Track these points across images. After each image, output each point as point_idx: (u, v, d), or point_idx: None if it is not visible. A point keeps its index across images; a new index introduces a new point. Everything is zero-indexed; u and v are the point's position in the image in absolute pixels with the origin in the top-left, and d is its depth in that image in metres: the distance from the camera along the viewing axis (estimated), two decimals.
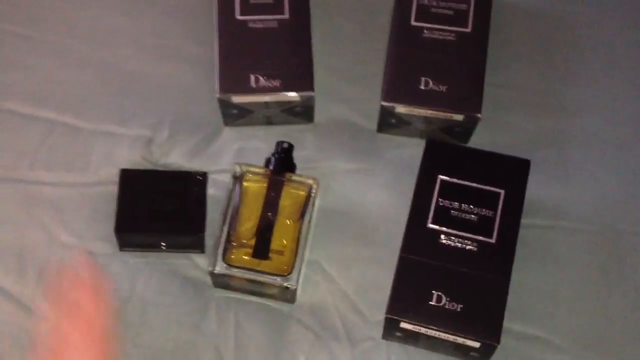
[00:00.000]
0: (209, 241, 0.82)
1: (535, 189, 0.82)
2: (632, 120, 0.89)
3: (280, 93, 0.84)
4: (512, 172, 0.77)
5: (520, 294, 0.79)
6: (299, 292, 0.81)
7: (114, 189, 0.83)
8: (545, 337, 0.79)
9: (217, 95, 0.84)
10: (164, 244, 0.81)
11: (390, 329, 0.74)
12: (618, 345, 0.79)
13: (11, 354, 0.78)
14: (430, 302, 0.72)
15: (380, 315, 0.78)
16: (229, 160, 0.87)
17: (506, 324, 0.74)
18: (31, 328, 0.78)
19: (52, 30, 0.93)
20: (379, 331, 0.79)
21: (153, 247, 0.81)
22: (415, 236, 0.75)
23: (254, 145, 0.87)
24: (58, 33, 0.92)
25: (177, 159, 0.86)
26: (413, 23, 0.86)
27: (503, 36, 0.91)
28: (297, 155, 0.84)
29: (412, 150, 0.86)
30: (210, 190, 0.83)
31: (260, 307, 0.81)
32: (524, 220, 0.79)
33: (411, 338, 0.75)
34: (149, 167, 0.86)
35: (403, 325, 0.72)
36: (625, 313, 0.80)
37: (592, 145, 0.87)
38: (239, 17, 0.86)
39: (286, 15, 0.86)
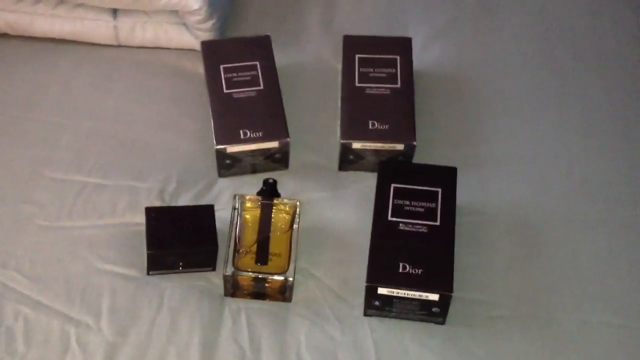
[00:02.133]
0: (218, 262, 0.98)
1: (464, 197, 1.02)
2: (530, 144, 1.11)
3: (264, 142, 1.05)
4: (445, 176, 0.98)
5: (461, 271, 0.96)
6: (294, 292, 0.97)
7: (137, 229, 1.00)
8: (486, 299, 0.96)
9: (215, 147, 1.04)
10: (181, 264, 0.98)
11: (370, 298, 0.90)
12: (543, 297, 0.96)
13: None
14: (399, 271, 0.90)
15: (359, 300, 0.95)
16: (225, 201, 1.04)
17: (454, 293, 0.91)
18: (79, 338, 0.91)
19: (81, 116, 1.11)
20: (360, 310, 0.95)
21: (173, 268, 0.97)
22: (380, 227, 0.93)
23: (244, 190, 1.05)
24: (86, 117, 1.11)
25: (184, 203, 1.03)
26: (357, 84, 1.09)
27: (427, 92, 1.14)
28: (279, 191, 1.02)
29: (367, 181, 1.06)
30: None
31: (264, 308, 0.96)
32: (458, 219, 0.97)
33: (386, 306, 0.91)
34: None
35: (380, 291, 0.89)
36: (544, 274, 0.98)
37: (502, 163, 1.09)
38: (225, 90, 1.07)
39: (261, 87, 1.08)
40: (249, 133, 1.04)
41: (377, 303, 0.91)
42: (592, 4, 1.27)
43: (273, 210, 0.99)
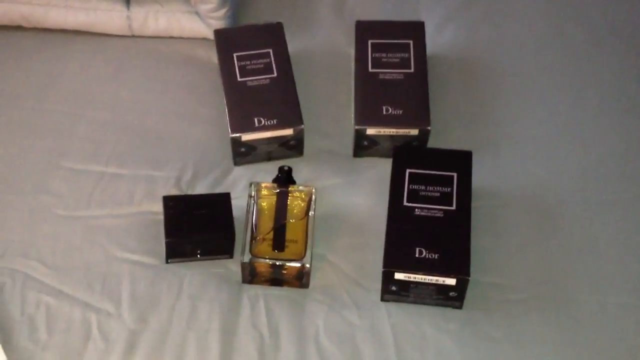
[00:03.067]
0: (235, 249, 0.98)
1: (479, 181, 1.02)
2: (544, 125, 1.10)
3: (278, 130, 1.05)
4: (460, 160, 0.97)
5: (478, 255, 0.95)
6: (311, 278, 0.97)
7: (154, 217, 1.01)
8: (503, 282, 0.96)
9: (230, 135, 1.04)
10: (199, 252, 0.99)
11: (387, 283, 0.90)
12: (560, 279, 0.96)
13: (86, 348, 0.91)
14: (415, 256, 0.90)
15: (376, 285, 0.95)
16: (240, 189, 1.04)
17: (471, 277, 0.91)
18: (100, 326, 0.92)
19: (96, 106, 1.11)
20: (377, 295, 0.95)
21: (191, 255, 0.97)
22: (396, 212, 0.93)
23: (260, 178, 1.05)
24: (101, 108, 1.11)
25: (200, 191, 1.04)
26: (370, 70, 1.09)
27: (440, 76, 1.14)
28: (294, 178, 1.02)
29: (381, 167, 1.06)
30: None
31: (282, 294, 0.96)
32: (473, 202, 0.97)
33: (403, 291, 0.91)
34: None
35: (397, 276, 0.89)
36: (561, 255, 0.98)
37: (516, 145, 1.08)
38: (239, 79, 1.07)
39: (275, 75, 1.08)
40: (263, 121, 1.04)
41: (394, 288, 0.91)
42: None
43: (289, 198, 0.99)
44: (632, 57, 1.17)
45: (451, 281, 0.89)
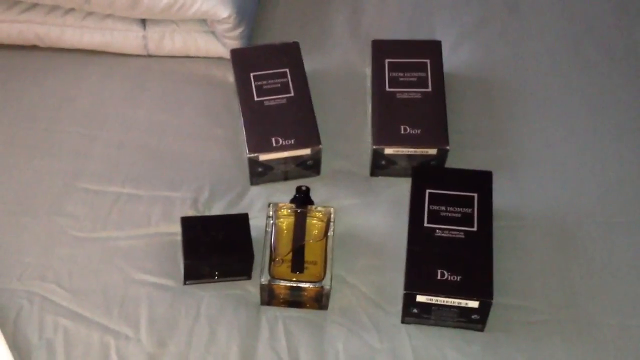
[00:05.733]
0: (253, 270, 0.97)
1: (498, 200, 1.01)
2: (563, 145, 1.10)
3: (296, 150, 1.05)
4: (480, 181, 0.97)
5: (499, 277, 0.95)
6: (330, 299, 0.97)
7: (172, 238, 1.00)
8: (525, 304, 0.95)
9: (248, 155, 1.03)
10: (217, 273, 0.97)
11: (408, 306, 0.89)
12: (582, 301, 0.95)
13: None
14: (437, 278, 0.89)
15: (396, 307, 0.95)
16: (258, 209, 1.04)
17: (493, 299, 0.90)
18: (119, 350, 0.91)
19: (112, 127, 1.11)
20: (397, 318, 0.94)
21: (209, 277, 0.96)
22: (417, 233, 0.92)
23: (276, 198, 1.05)
24: (117, 128, 1.11)
25: (217, 212, 1.03)
26: (388, 89, 1.08)
27: (457, 95, 1.14)
28: (312, 198, 1.02)
29: (399, 187, 1.05)
30: None
31: (301, 316, 0.95)
32: (494, 223, 0.97)
33: (424, 313, 0.90)
34: None
35: (419, 298, 0.88)
36: (583, 277, 0.97)
37: (535, 165, 1.08)
38: (256, 98, 1.07)
39: (292, 94, 1.08)
40: (280, 141, 1.03)
41: (415, 310, 0.90)
42: (617, 0, 1.26)
43: (307, 218, 0.98)
44: None
45: (474, 304, 0.88)
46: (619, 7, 1.25)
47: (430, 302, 0.89)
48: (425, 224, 0.93)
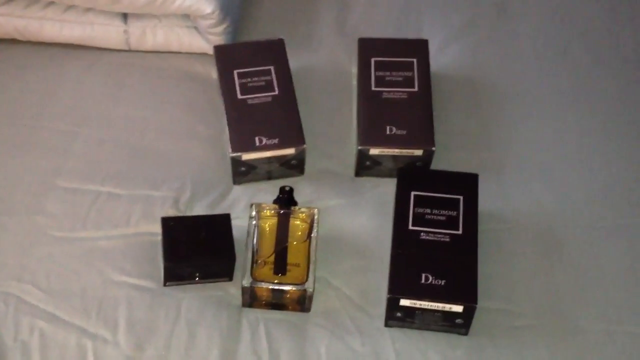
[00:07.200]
0: (235, 272, 0.96)
1: (483, 203, 1.00)
2: (549, 148, 1.09)
3: (280, 149, 1.03)
4: (466, 183, 0.96)
5: (483, 280, 0.93)
6: (313, 302, 0.95)
7: (152, 239, 0.98)
8: (509, 308, 0.94)
9: (230, 155, 1.02)
10: (198, 275, 0.96)
11: (392, 309, 0.88)
12: (567, 306, 0.95)
13: None
14: (421, 282, 0.88)
15: (379, 310, 0.93)
16: (240, 209, 1.02)
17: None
18: (96, 353, 0.89)
19: (92, 123, 1.09)
20: (380, 321, 0.93)
21: (190, 278, 0.95)
22: (401, 236, 0.91)
23: (260, 197, 1.03)
24: (97, 125, 1.09)
25: (199, 212, 1.01)
26: (373, 88, 1.07)
27: (444, 96, 1.12)
28: (295, 198, 1.00)
29: (384, 187, 1.04)
30: None
31: (283, 318, 0.94)
32: (479, 227, 0.96)
33: (408, 317, 0.89)
34: None
35: (402, 302, 0.87)
36: (568, 282, 0.97)
37: (522, 168, 1.07)
38: (240, 96, 1.05)
39: (276, 92, 1.06)
40: (264, 140, 1.02)
41: (399, 314, 0.89)
42: (607, 4, 1.25)
43: (290, 219, 0.97)
44: (637, 80, 1.16)
45: (458, 308, 0.87)
46: (608, 10, 1.25)
47: (414, 306, 0.88)
48: (410, 227, 0.92)
